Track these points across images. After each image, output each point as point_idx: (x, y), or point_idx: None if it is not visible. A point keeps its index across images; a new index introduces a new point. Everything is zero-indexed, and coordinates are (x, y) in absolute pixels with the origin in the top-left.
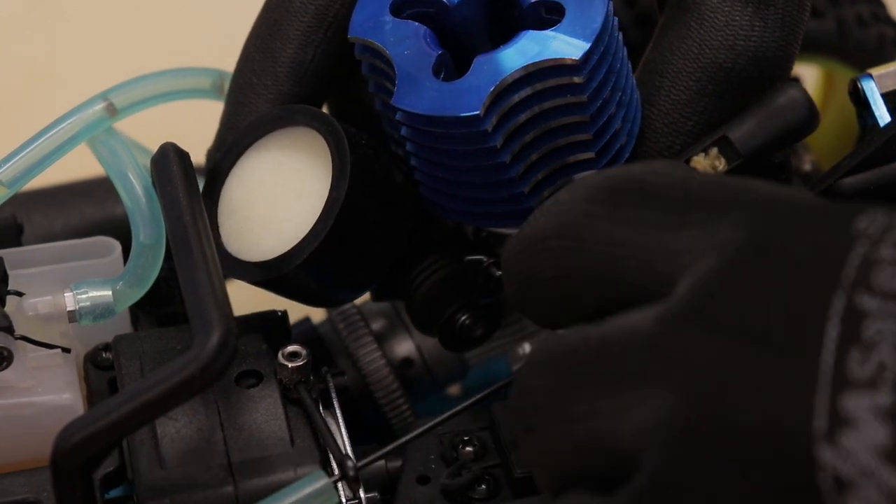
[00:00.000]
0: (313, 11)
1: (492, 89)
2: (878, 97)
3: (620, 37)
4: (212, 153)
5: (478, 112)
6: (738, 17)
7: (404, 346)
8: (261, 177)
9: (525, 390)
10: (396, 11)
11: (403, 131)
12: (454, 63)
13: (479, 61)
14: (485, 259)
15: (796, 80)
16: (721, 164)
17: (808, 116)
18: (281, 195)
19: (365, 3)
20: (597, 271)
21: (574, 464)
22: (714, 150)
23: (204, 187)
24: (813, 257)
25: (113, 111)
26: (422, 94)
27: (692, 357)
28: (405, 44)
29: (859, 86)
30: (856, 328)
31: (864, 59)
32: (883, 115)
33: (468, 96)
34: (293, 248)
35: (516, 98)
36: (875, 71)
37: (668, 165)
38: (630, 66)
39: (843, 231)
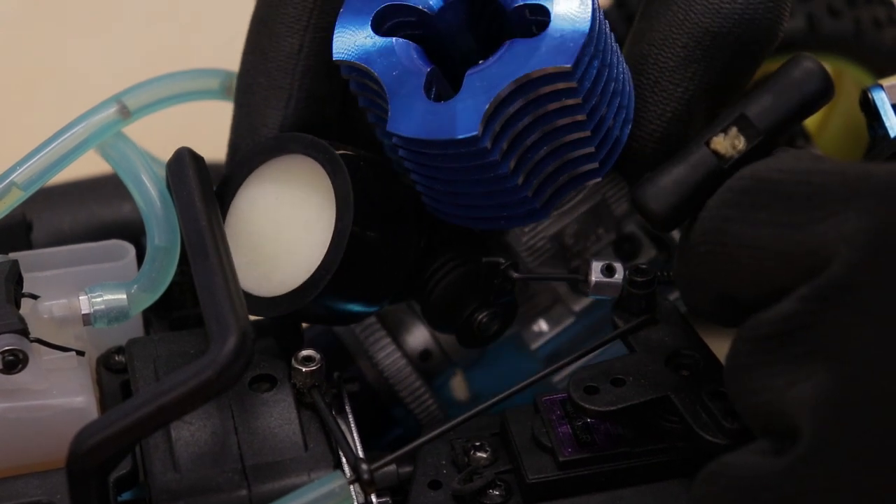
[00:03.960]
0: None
1: (486, 107)
2: (889, 108)
3: (608, 27)
4: (228, 162)
5: (476, 133)
6: None
7: (420, 339)
8: (262, 210)
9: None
10: (377, 25)
11: (401, 153)
12: (445, 73)
13: (471, 78)
14: (502, 261)
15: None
16: (741, 143)
17: (824, 87)
18: (285, 227)
19: (344, 20)
20: (742, 272)
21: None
22: (734, 129)
23: None
24: None
25: (126, 113)
26: (415, 117)
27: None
28: (392, 63)
29: (870, 96)
30: None
31: (879, 61)
32: (893, 126)
33: (463, 116)
34: (306, 282)
35: (511, 111)
36: (886, 82)
37: (793, 159)
38: (620, 51)
39: None
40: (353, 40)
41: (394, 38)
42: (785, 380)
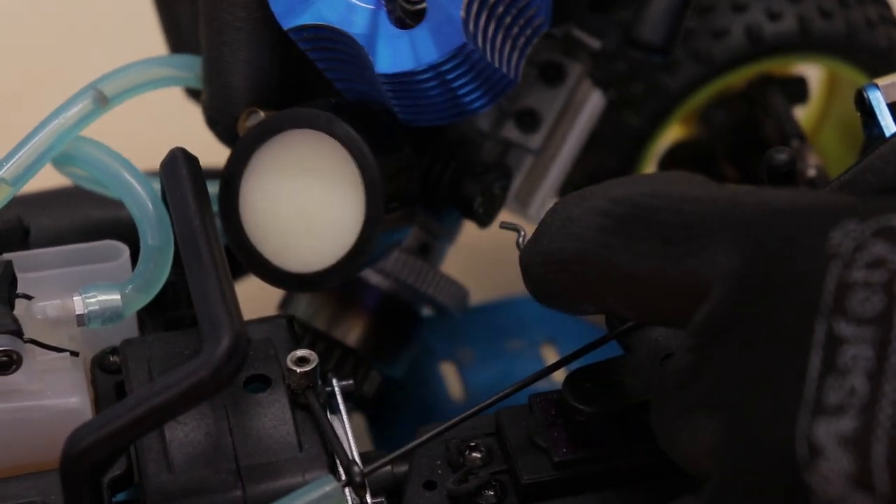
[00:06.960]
0: None
1: (461, 12)
2: (884, 107)
3: None
4: (207, 104)
5: (463, 40)
6: None
7: (411, 236)
8: (276, 192)
9: None
10: None
11: (388, 88)
12: None
13: None
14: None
15: (801, 80)
16: None
17: None
18: (307, 200)
19: None
20: (622, 297)
21: None
22: None
23: (220, 209)
24: (797, 283)
25: (103, 100)
26: (402, 50)
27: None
28: (348, 10)
29: (865, 95)
30: (833, 355)
31: (872, 62)
32: (888, 126)
33: (445, 29)
34: (359, 240)
35: (476, 5)
36: (881, 81)
37: (664, 182)
38: None
39: (819, 249)
40: (294, 5)
41: None
42: (688, 433)
